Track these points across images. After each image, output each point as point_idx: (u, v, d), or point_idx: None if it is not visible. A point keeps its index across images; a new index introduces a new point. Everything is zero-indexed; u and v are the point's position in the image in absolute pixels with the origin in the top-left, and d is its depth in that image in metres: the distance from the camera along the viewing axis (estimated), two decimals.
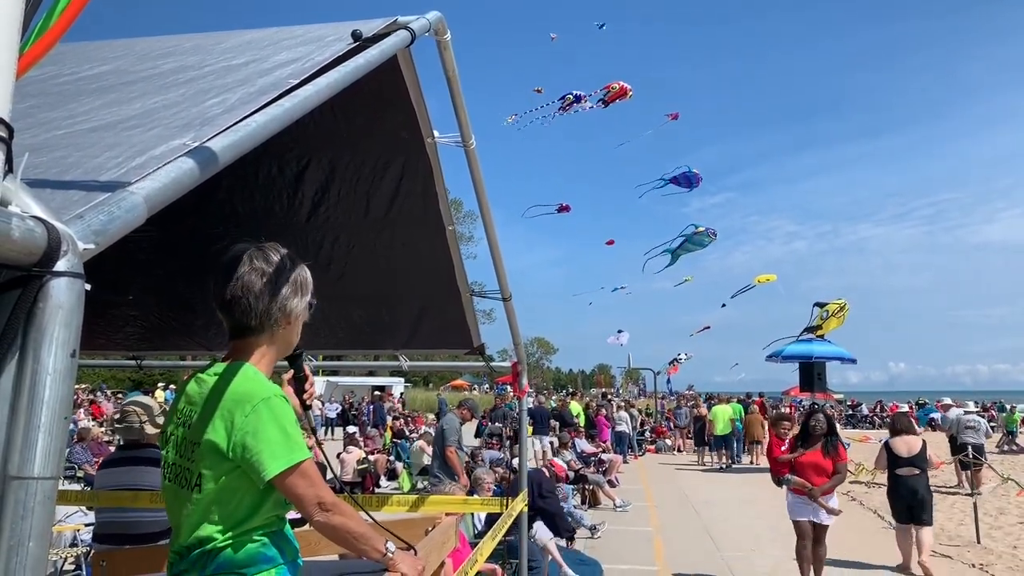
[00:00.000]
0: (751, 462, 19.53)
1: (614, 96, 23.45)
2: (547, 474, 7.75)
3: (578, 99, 23.79)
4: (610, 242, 46.96)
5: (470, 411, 9.95)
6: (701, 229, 24.10)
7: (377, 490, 13.43)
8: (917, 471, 8.24)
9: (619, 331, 39.18)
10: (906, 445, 8.41)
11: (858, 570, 8.42)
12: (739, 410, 20.65)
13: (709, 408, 20.91)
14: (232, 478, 1.78)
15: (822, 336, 18.36)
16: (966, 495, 10.17)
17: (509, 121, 26.74)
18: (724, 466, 19.21)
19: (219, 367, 1.90)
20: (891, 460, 8.39)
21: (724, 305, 29.85)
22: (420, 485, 13.75)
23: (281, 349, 2.00)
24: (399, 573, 2.02)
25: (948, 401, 19.59)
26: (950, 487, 14.89)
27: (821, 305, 18.84)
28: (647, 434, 24.49)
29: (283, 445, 1.76)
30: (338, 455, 13.31)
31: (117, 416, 4.65)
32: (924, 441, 8.69)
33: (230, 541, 1.81)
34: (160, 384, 29.34)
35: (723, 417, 19.57)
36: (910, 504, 8.19)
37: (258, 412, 1.76)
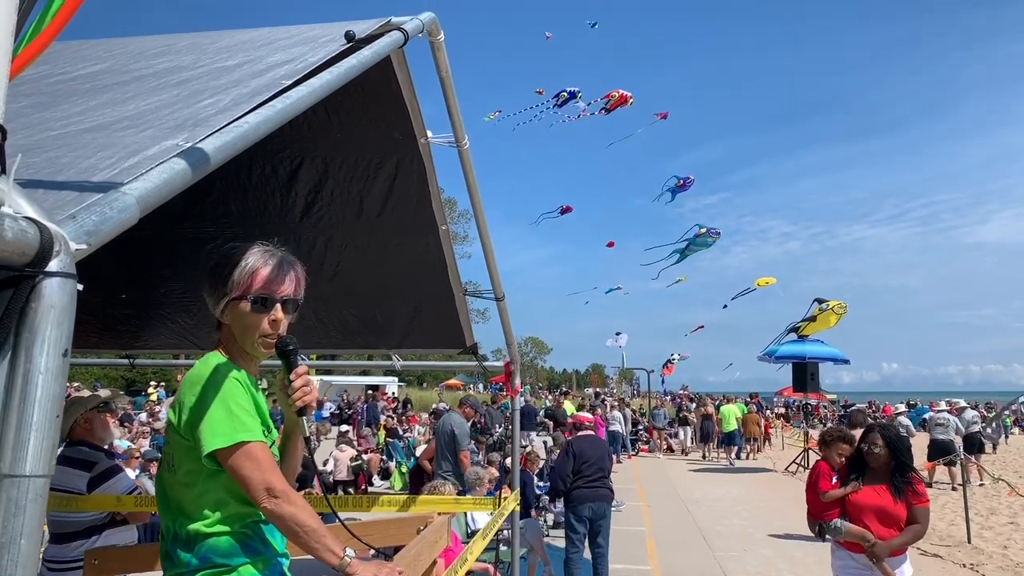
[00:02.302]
0: (748, 456, 21.09)
1: (615, 104, 23.61)
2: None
3: (572, 96, 23.89)
4: (610, 244, 47.12)
5: (473, 408, 9.55)
6: (703, 231, 24.28)
7: (370, 489, 13.43)
8: None
9: (617, 333, 39.28)
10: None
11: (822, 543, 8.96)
12: (743, 410, 21.94)
13: (717, 408, 22.36)
14: (192, 459, 1.81)
15: (804, 336, 18.45)
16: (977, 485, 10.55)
17: (491, 118, 26.81)
18: (730, 461, 20.37)
19: (202, 358, 1.99)
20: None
21: (725, 306, 30.13)
22: None
23: (238, 340, 1.96)
24: None
25: (963, 403, 20.02)
26: (942, 484, 14.97)
27: (821, 301, 18.85)
28: (640, 434, 24.50)
29: (226, 423, 1.76)
30: (331, 454, 13.33)
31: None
32: None
33: (210, 529, 1.83)
34: (152, 383, 29.27)
35: (731, 416, 20.89)
36: None
37: (205, 390, 1.80)
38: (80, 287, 1.03)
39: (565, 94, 24.28)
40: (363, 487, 13.30)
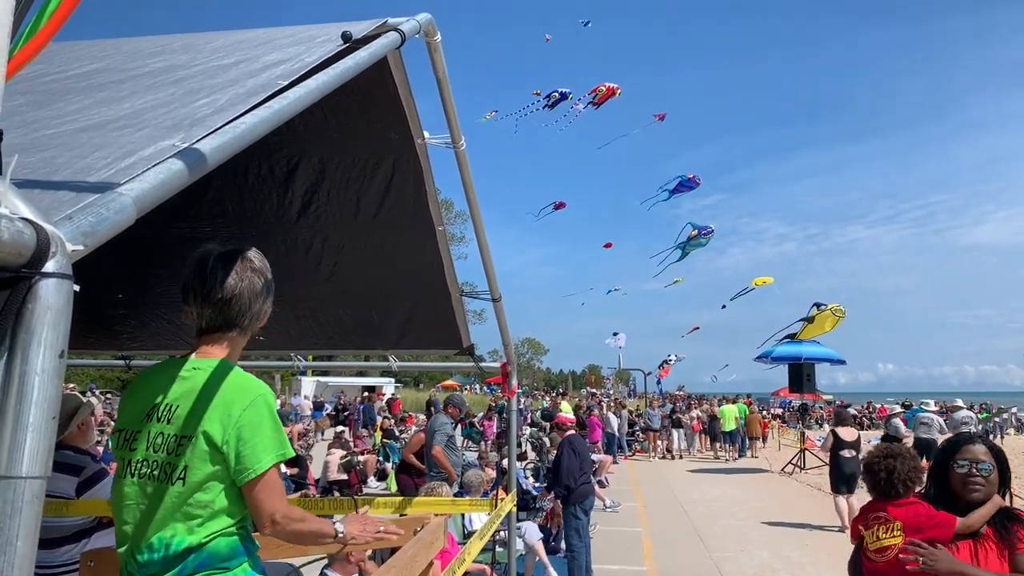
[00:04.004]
0: (751, 455, 22.30)
1: (604, 97, 23.66)
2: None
3: (563, 96, 23.97)
4: (608, 245, 47.46)
5: (457, 408, 9.53)
6: (695, 232, 24.46)
7: (366, 490, 13.40)
8: (855, 453, 11.21)
9: (615, 333, 39.47)
10: (848, 433, 11.66)
11: (814, 531, 10.77)
12: (744, 410, 22.96)
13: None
14: (222, 470, 1.80)
15: (799, 340, 18.51)
16: None
17: (487, 118, 26.92)
18: (729, 458, 21.74)
19: (199, 363, 1.91)
20: (836, 443, 11.34)
21: (724, 307, 30.37)
22: None
23: (237, 352, 2.03)
24: (352, 539, 2.11)
25: (959, 402, 20.36)
26: None
27: (819, 305, 18.89)
28: (637, 434, 24.50)
29: (275, 442, 1.84)
30: (325, 458, 13.33)
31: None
32: (859, 433, 12.07)
33: (213, 537, 1.81)
34: None
35: (731, 416, 22.12)
36: (848, 478, 11.05)
37: (256, 407, 1.83)
38: (76, 288, 1.02)
39: (556, 95, 24.34)
40: (356, 484, 13.24)
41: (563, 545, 8.06)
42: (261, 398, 1.84)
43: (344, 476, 13.19)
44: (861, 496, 12.06)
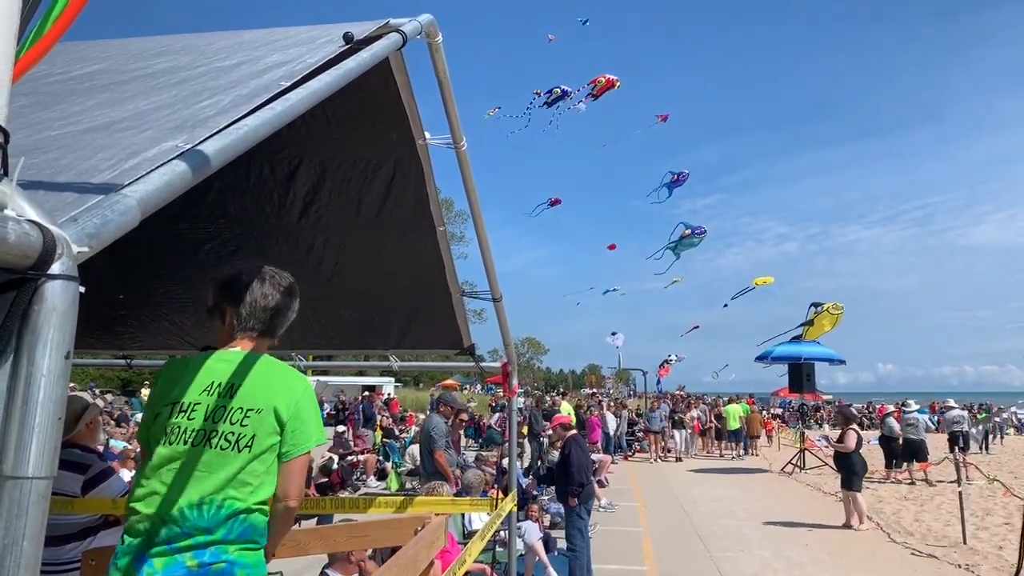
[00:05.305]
0: (752, 453, 22.80)
1: (603, 88, 23.58)
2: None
3: (565, 94, 23.91)
4: (612, 247, 47.15)
5: (449, 406, 9.17)
6: (688, 232, 24.53)
7: (366, 490, 13.41)
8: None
9: (613, 333, 39.55)
10: (860, 431, 11.87)
11: (814, 530, 10.74)
12: (747, 409, 23.49)
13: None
14: (278, 444, 2.02)
15: (800, 340, 18.54)
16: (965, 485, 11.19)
17: (491, 114, 26.94)
18: (737, 454, 22.38)
19: (237, 352, 2.10)
20: (859, 441, 11.38)
21: (726, 305, 30.52)
22: (409, 486, 13.72)
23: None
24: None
25: (951, 403, 20.60)
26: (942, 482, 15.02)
27: (817, 305, 18.92)
28: (638, 434, 24.43)
29: (319, 427, 2.10)
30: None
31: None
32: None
33: (257, 507, 1.98)
34: (147, 382, 29.24)
35: (735, 415, 22.71)
36: (864, 473, 11.27)
37: (308, 394, 2.10)
38: (82, 290, 1.03)
39: (558, 91, 24.23)
40: (337, 483, 13.20)
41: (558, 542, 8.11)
42: (311, 388, 2.13)
43: (324, 479, 13.16)
44: (863, 493, 12.15)
